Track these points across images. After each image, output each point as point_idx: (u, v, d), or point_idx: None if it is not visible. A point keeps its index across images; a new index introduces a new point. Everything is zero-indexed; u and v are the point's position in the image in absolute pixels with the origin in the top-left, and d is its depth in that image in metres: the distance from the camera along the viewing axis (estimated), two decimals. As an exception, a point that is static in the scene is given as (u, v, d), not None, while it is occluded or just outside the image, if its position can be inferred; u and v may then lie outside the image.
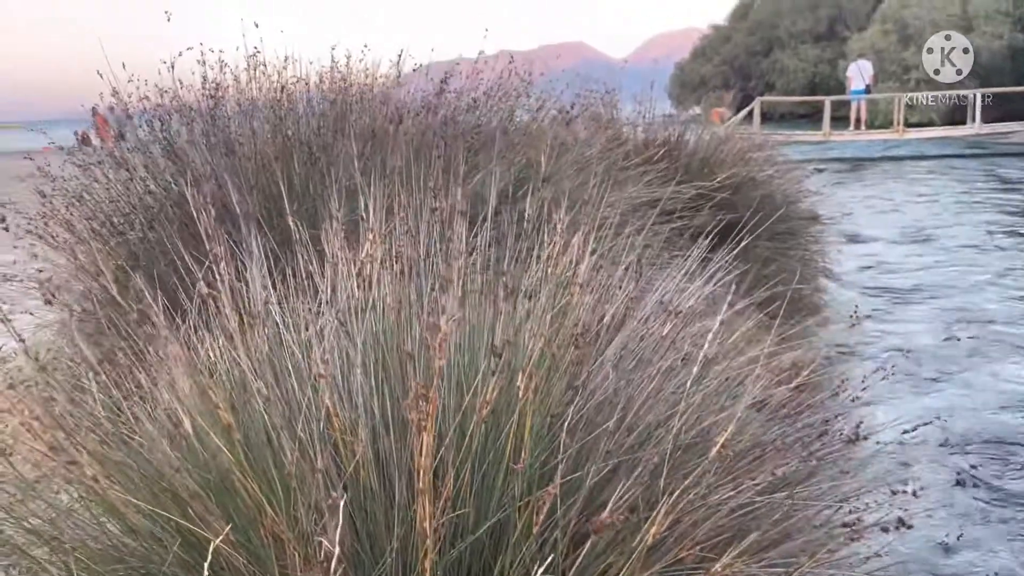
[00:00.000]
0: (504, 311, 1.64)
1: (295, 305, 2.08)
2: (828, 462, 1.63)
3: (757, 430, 1.70)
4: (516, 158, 3.23)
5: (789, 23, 38.87)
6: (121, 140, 3.51)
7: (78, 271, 3.27)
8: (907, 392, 4.68)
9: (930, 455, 3.80)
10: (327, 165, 3.14)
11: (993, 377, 4.93)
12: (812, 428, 1.68)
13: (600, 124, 4.72)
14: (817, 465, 1.60)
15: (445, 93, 3.88)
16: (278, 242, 2.92)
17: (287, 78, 3.69)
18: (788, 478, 1.53)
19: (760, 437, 1.65)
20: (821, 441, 1.72)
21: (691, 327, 1.93)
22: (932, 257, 8.30)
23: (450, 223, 1.88)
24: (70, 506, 1.85)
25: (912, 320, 6.21)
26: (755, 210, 5.50)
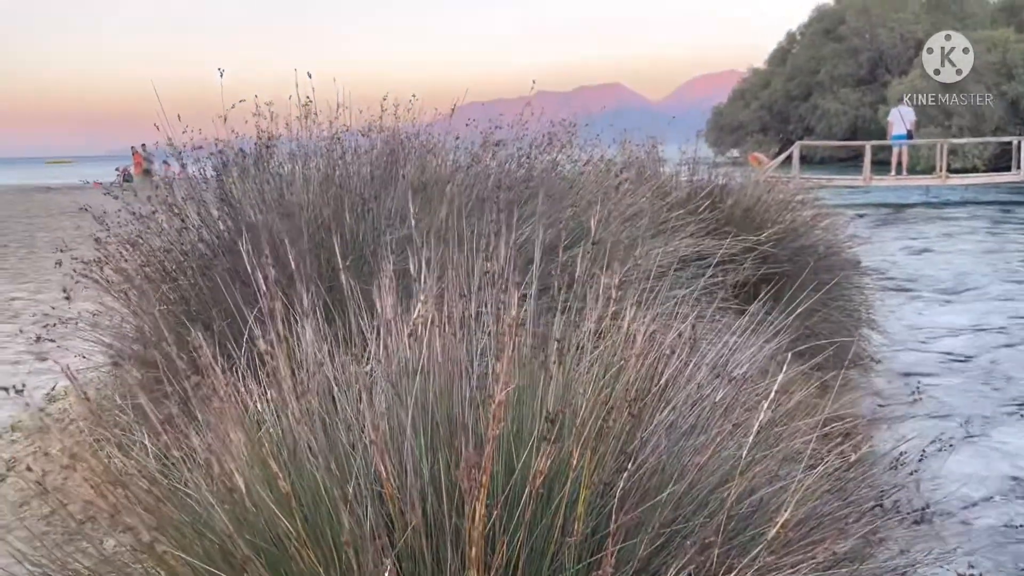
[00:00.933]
0: (555, 375, 1.64)
1: (346, 360, 2.11)
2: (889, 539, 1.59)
3: (813, 500, 1.66)
4: (563, 214, 3.25)
5: (830, 67, 38.85)
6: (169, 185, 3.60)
7: (131, 314, 3.33)
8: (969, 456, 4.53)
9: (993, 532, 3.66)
10: (377, 216, 3.18)
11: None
12: (869, 499, 1.64)
13: (644, 175, 4.73)
14: (878, 541, 1.56)
15: (490, 145, 3.93)
16: (327, 288, 2.96)
17: (338, 128, 3.77)
18: (847, 555, 1.50)
19: (817, 508, 1.61)
20: (879, 512, 1.68)
21: (743, 390, 1.91)
22: (981, 313, 8.10)
23: (502, 287, 1.89)
24: (116, 552, 1.87)
25: (959, 390, 6.02)
26: (798, 260, 5.46)
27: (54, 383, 4.31)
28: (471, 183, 3.35)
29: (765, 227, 5.35)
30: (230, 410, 1.73)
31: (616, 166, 4.45)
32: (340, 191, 3.25)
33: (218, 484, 1.65)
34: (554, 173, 3.84)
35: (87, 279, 3.39)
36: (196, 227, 3.16)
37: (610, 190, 3.70)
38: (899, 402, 5.41)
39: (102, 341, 3.42)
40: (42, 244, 10.40)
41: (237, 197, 3.18)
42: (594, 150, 4.76)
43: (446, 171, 3.66)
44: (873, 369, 5.81)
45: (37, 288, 7.37)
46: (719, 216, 5.01)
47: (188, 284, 3.15)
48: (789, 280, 5.25)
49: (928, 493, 1.72)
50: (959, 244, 12.55)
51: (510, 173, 3.60)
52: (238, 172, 3.50)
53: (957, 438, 4.59)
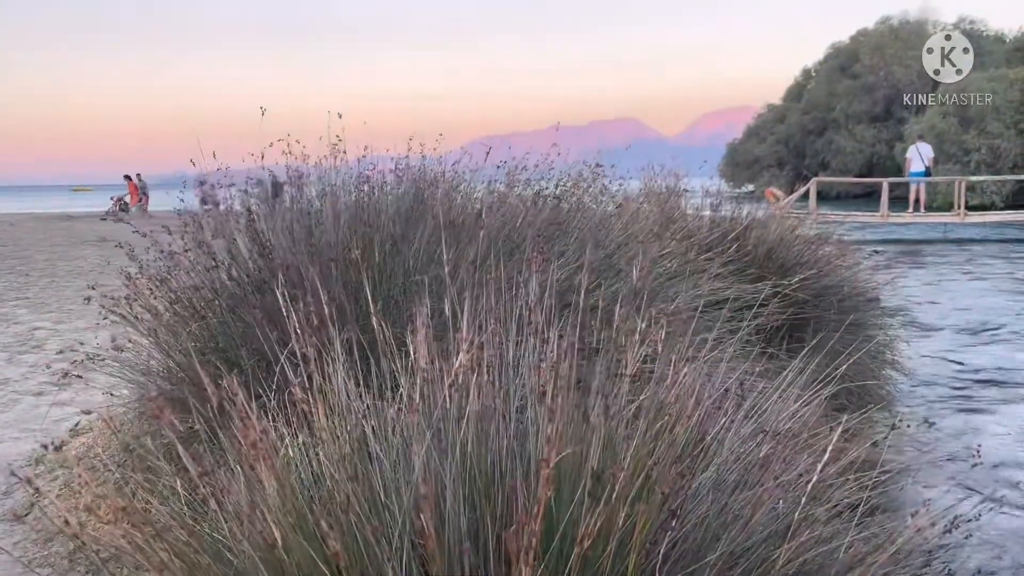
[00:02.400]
0: (597, 430, 1.61)
1: (380, 405, 2.09)
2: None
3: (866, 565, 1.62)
4: (595, 255, 3.24)
5: (845, 104, 38.97)
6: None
7: (158, 350, 3.33)
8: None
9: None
10: (407, 256, 3.18)
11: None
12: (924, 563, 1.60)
13: (671, 216, 4.73)
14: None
15: (516, 184, 3.94)
16: (360, 328, 2.95)
17: (367, 168, 3.79)
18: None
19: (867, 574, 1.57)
20: None
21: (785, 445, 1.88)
22: (1002, 352, 8.00)
23: (538, 332, 1.87)
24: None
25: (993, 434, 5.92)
26: (822, 301, 5.43)
27: (78, 418, 4.32)
28: (499, 224, 3.35)
29: (788, 267, 5.33)
30: (264, 457, 1.71)
31: (643, 206, 4.44)
32: (369, 230, 3.26)
33: (254, 536, 1.63)
34: (580, 214, 3.84)
35: (114, 314, 3.39)
36: (226, 265, 3.17)
37: (640, 232, 3.69)
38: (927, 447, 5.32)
39: (128, 377, 3.42)
40: (63, 273, 10.48)
41: (267, 236, 3.18)
42: (619, 189, 4.76)
43: (473, 210, 3.66)
44: (899, 413, 5.73)
45: (59, 318, 7.40)
46: (743, 255, 5.00)
47: (217, 323, 3.14)
48: (814, 322, 5.22)
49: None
50: (980, 284, 12.44)
51: (539, 212, 3.61)
52: (268, 209, 3.52)
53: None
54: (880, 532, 1.66)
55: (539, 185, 4.22)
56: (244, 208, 3.52)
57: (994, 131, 29.03)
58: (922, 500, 3.38)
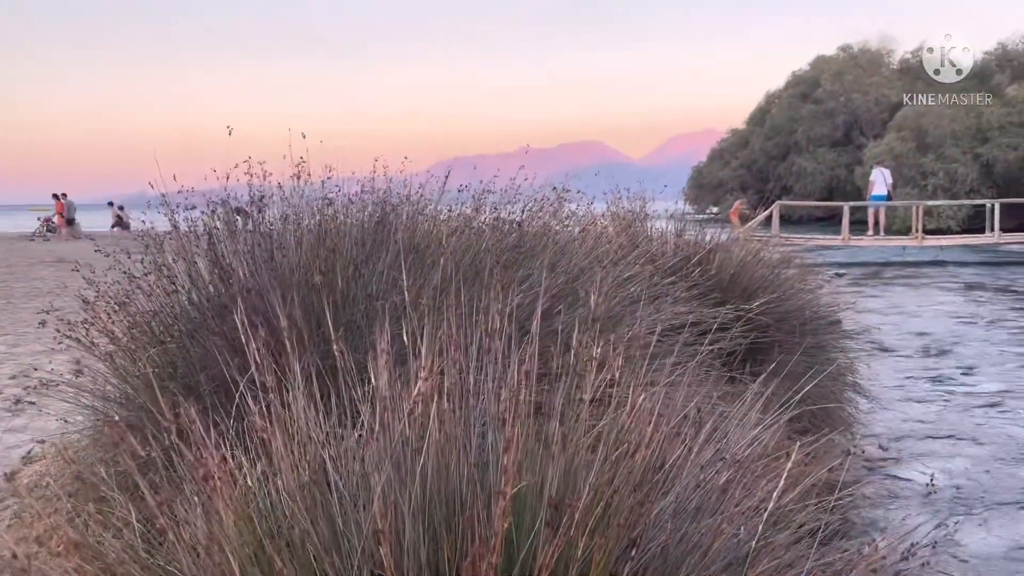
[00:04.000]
0: (556, 457, 1.61)
1: (340, 433, 2.06)
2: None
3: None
4: (557, 278, 3.25)
5: (806, 128, 39.72)
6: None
7: (115, 376, 3.27)
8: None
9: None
10: (369, 280, 3.17)
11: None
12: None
13: (634, 241, 4.76)
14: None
15: (482, 209, 3.96)
16: (320, 354, 2.92)
17: (329, 188, 3.78)
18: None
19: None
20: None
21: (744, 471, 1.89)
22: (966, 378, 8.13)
23: (498, 359, 1.87)
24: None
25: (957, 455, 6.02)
26: (784, 324, 5.49)
27: (31, 445, 4.21)
28: (463, 248, 3.35)
29: (751, 291, 5.39)
30: (221, 489, 1.68)
31: (609, 233, 4.48)
32: (331, 255, 3.24)
33: (211, 569, 1.60)
34: (545, 239, 3.85)
35: (70, 338, 3.33)
36: (186, 289, 3.13)
37: (603, 256, 3.71)
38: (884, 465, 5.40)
39: (84, 403, 3.34)
40: (19, 295, 10.27)
41: (228, 259, 3.15)
42: (584, 214, 4.79)
43: (438, 234, 3.66)
44: (858, 434, 5.81)
45: (15, 341, 7.24)
46: (706, 279, 5.04)
47: (176, 348, 3.10)
48: (776, 346, 5.28)
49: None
50: (938, 306, 12.70)
51: (503, 237, 3.62)
52: (229, 232, 3.48)
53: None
54: (839, 559, 1.68)
55: (505, 210, 4.24)
56: (205, 230, 3.48)
57: (951, 156, 29.78)
58: (880, 524, 3.42)
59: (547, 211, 4.22)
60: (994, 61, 34.00)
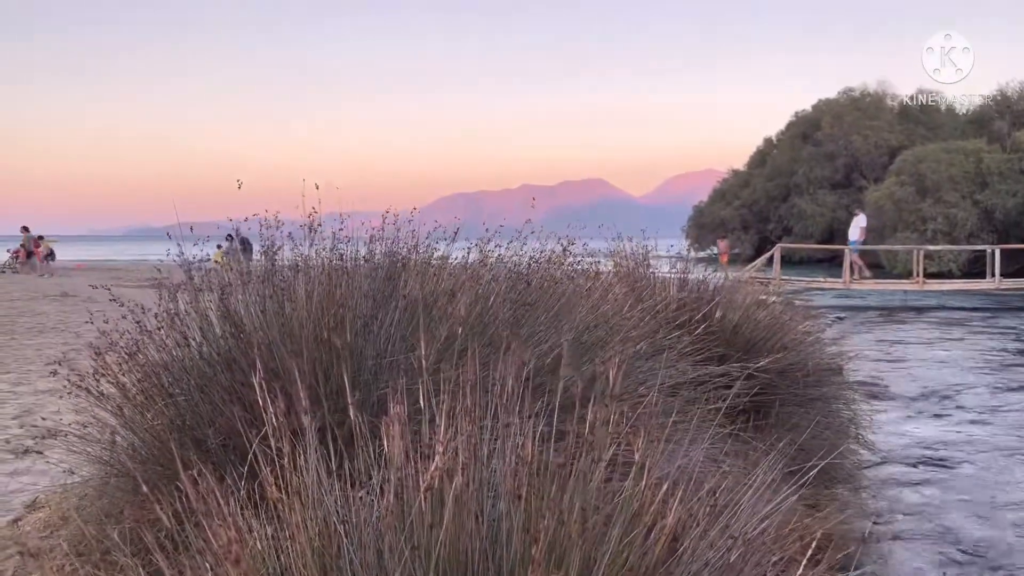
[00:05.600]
0: (575, 539, 1.62)
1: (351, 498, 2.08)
2: None
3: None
4: (566, 336, 3.28)
5: (807, 169, 40.05)
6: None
7: (123, 427, 3.28)
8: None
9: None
10: (378, 336, 3.20)
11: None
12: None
13: (638, 294, 4.80)
14: None
15: (488, 260, 4.00)
16: (331, 410, 2.94)
17: (341, 243, 3.83)
18: None
19: None
20: None
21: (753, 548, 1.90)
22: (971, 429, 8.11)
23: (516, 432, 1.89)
24: None
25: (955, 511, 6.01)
26: (787, 377, 5.50)
27: (34, 489, 4.21)
28: (471, 302, 3.39)
29: (754, 343, 5.41)
30: (237, 562, 1.69)
31: (612, 285, 4.52)
32: (341, 309, 3.27)
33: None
34: (551, 291, 3.89)
35: (80, 387, 3.34)
36: (197, 342, 3.16)
37: (608, 313, 3.75)
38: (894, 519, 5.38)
39: (90, 453, 3.35)
40: (23, 331, 10.28)
41: (240, 313, 3.18)
42: (590, 264, 4.84)
43: (446, 288, 3.70)
44: (862, 487, 5.80)
45: (17, 379, 7.24)
46: (710, 330, 5.07)
47: (184, 401, 3.12)
48: (779, 399, 5.29)
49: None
50: (941, 353, 12.70)
51: (511, 290, 3.66)
52: (241, 282, 3.52)
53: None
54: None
55: (511, 261, 4.28)
56: (216, 283, 3.52)
57: (950, 200, 29.98)
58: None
59: (555, 263, 4.27)
60: (993, 107, 34.39)
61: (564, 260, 4.65)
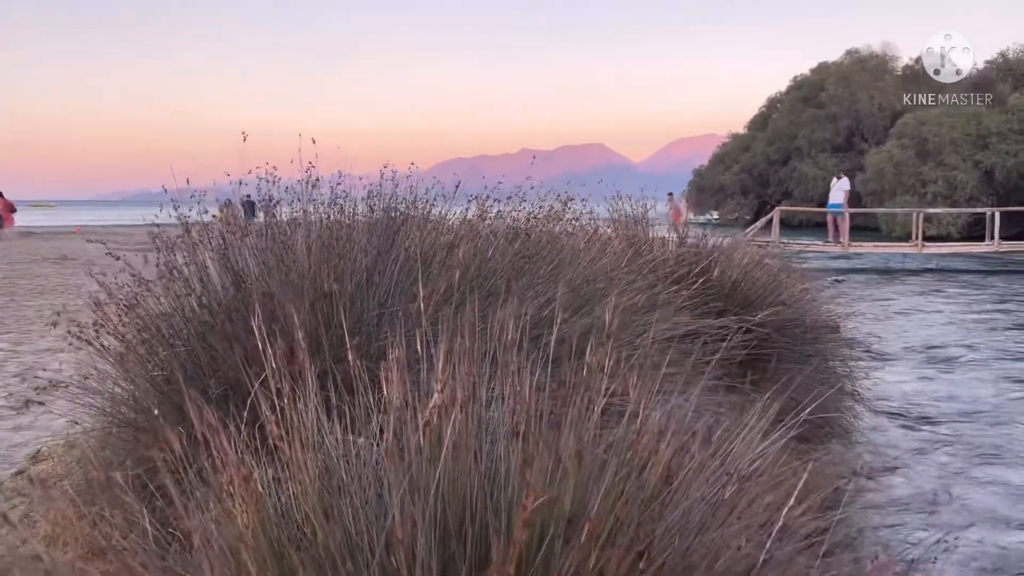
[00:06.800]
0: (570, 473, 1.65)
1: (352, 441, 2.10)
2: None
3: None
4: (562, 288, 3.29)
5: (808, 132, 39.77)
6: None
7: (124, 378, 3.30)
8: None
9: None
10: (379, 288, 3.21)
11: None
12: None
13: (638, 249, 4.81)
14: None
15: (487, 216, 4.00)
16: (333, 359, 2.96)
17: (340, 194, 3.82)
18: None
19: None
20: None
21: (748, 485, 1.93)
22: (962, 385, 8.20)
23: (512, 371, 1.91)
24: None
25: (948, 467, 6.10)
26: (785, 333, 5.53)
27: (37, 443, 4.24)
28: (470, 255, 3.39)
29: (752, 300, 5.43)
30: (247, 498, 1.72)
31: (611, 237, 4.52)
32: (341, 262, 3.28)
33: (223, 565, 1.64)
34: (550, 246, 3.90)
35: (80, 339, 3.36)
36: (197, 292, 3.17)
37: (607, 267, 3.76)
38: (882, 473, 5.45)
39: (92, 404, 3.38)
40: (24, 292, 10.29)
41: (241, 264, 3.19)
42: (588, 220, 4.84)
43: (445, 241, 3.70)
44: (857, 441, 5.86)
45: (18, 339, 7.27)
46: (708, 287, 5.08)
47: (185, 351, 3.13)
48: (776, 354, 5.32)
49: None
50: (937, 316, 12.75)
51: (510, 244, 3.66)
52: (241, 234, 3.52)
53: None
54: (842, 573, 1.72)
55: (510, 217, 4.28)
56: (218, 233, 3.52)
57: (951, 164, 29.85)
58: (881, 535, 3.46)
59: (552, 218, 4.27)
60: (996, 70, 34.08)
61: (563, 216, 4.64)
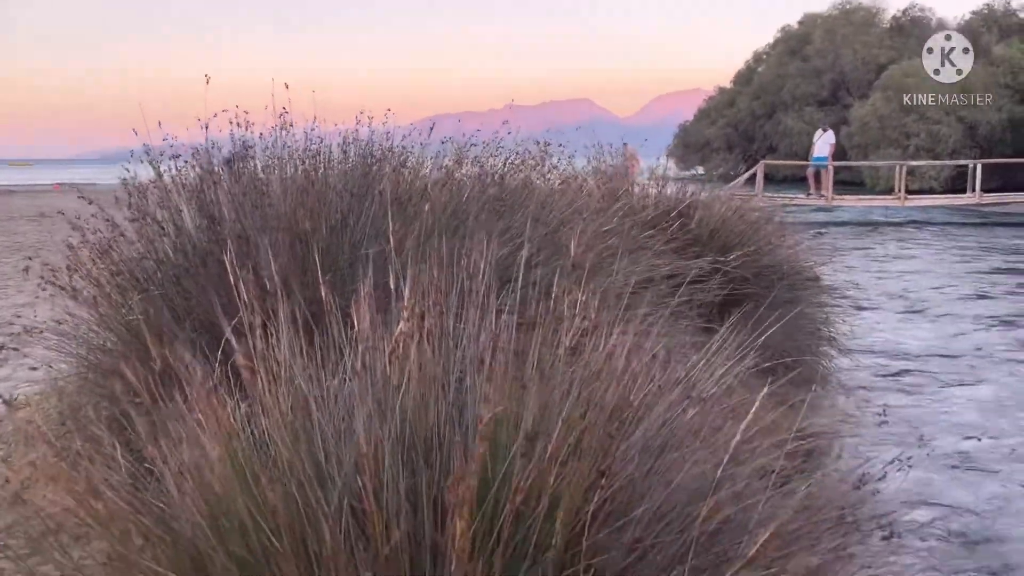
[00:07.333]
0: (533, 393, 1.68)
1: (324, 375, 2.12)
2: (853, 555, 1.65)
3: (782, 517, 1.72)
4: (537, 230, 3.30)
5: (792, 87, 39.54)
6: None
7: (98, 323, 3.30)
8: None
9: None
10: (354, 230, 3.20)
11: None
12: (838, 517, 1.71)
13: (615, 193, 4.81)
14: (845, 557, 1.62)
15: (464, 162, 3.98)
16: (307, 301, 2.97)
17: (313, 139, 3.79)
18: (816, 571, 1.56)
19: (786, 526, 1.67)
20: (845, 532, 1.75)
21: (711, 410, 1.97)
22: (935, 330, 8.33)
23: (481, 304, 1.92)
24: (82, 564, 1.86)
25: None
26: (763, 279, 5.57)
27: (15, 391, 4.24)
28: (446, 199, 3.39)
29: (731, 246, 5.46)
30: (208, 419, 1.74)
31: (589, 186, 4.51)
32: (317, 204, 3.27)
33: (195, 492, 1.66)
34: (527, 191, 3.89)
35: (54, 286, 3.35)
36: (172, 236, 3.15)
37: (583, 208, 3.76)
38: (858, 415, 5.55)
39: (67, 350, 3.38)
40: (1, 248, 10.20)
41: (215, 206, 3.18)
42: (567, 168, 4.83)
43: (420, 187, 3.69)
44: (832, 385, 5.95)
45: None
46: (687, 234, 5.11)
47: (160, 294, 3.13)
48: (753, 299, 5.37)
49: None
50: (915, 264, 12.87)
51: (484, 190, 3.65)
52: (215, 181, 3.50)
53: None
54: (796, 489, 1.77)
55: (488, 162, 4.26)
56: (195, 178, 3.49)
57: (934, 117, 29.81)
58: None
59: (529, 164, 4.25)
60: (981, 22, 33.90)
61: (542, 163, 4.63)
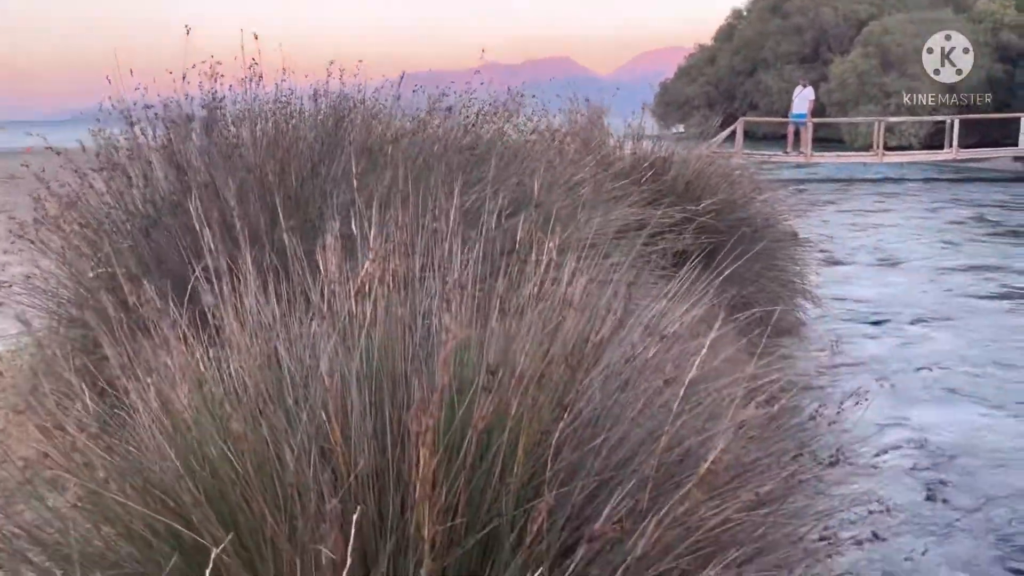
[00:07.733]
0: (496, 329, 1.70)
1: (291, 319, 2.13)
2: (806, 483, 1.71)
3: (738, 450, 1.77)
4: (509, 180, 3.30)
5: (773, 44, 39.28)
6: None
7: (68, 277, 3.29)
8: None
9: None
10: (324, 179, 3.20)
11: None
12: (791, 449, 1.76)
13: (589, 145, 4.81)
14: (796, 485, 1.68)
15: (437, 111, 3.96)
16: (275, 250, 2.97)
17: (284, 91, 3.76)
18: (768, 497, 1.61)
19: (742, 458, 1.72)
20: (799, 462, 1.80)
21: (675, 349, 2.01)
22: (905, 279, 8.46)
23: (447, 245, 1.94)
24: (57, 508, 1.88)
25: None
26: (736, 231, 5.61)
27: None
28: (417, 148, 3.38)
29: (704, 198, 5.48)
30: (177, 358, 1.76)
31: (562, 134, 4.50)
32: (287, 155, 3.25)
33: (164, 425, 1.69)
34: (500, 142, 3.88)
35: (22, 239, 3.33)
36: (140, 187, 3.13)
37: (555, 158, 3.76)
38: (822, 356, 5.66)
39: (38, 305, 3.36)
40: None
41: (184, 156, 3.15)
42: (540, 120, 4.81)
43: (391, 136, 3.67)
44: (802, 335, 6.05)
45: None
46: (661, 187, 5.12)
47: (128, 246, 3.12)
48: (728, 251, 5.40)
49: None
50: (891, 218, 13.00)
51: (457, 139, 3.64)
52: (185, 133, 3.47)
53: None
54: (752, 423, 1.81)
55: (461, 114, 4.24)
56: (164, 131, 3.46)
57: (915, 74, 29.76)
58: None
59: (502, 115, 4.24)
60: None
61: (516, 114, 4.61)
